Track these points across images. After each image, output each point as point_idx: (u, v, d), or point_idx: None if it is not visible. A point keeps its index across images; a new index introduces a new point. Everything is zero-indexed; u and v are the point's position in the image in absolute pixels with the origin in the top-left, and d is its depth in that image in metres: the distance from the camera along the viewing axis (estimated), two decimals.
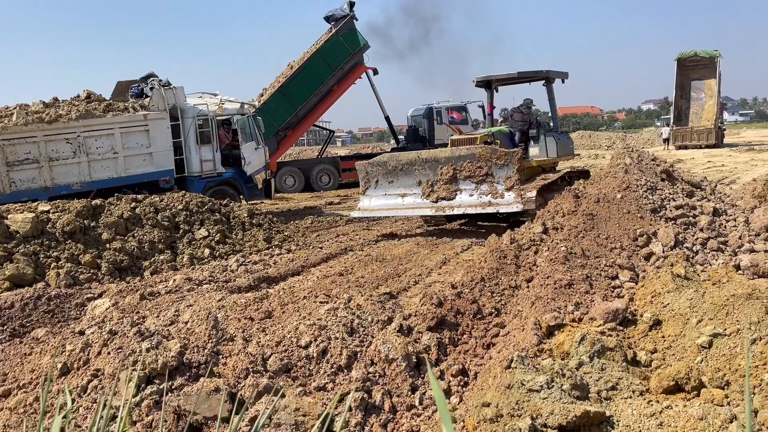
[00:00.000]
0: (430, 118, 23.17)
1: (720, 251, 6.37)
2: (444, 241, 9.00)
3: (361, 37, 19.92)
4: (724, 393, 3.16)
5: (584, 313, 4.68)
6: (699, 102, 27.66)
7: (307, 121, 20.47)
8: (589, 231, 6.28)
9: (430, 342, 4.59)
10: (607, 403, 3.38)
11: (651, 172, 7.85)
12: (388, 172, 9.89)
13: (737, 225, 7.00)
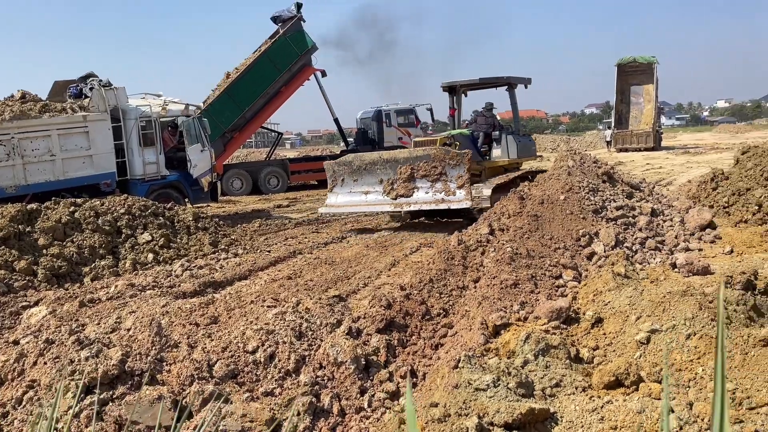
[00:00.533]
0: (379, 121, 23.23)
1: (658, 250, 6.62)
2: (393, 243, 9.03)
3: (309, 38, 19.82)
4: (661, 387, 3.27)
5: (529, 312, 4.78)
6: (638, 106, 28.66)
7: (254, 123, 20.22)
8: (534, 232, 6.42)
9: (379, 344, 4.60)
10: (551, 399, 3.46)
11: (593, 174, 8.10)
12: (353, 171, 10.50)
13: (673, 225, 7.30)
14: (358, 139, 23.69)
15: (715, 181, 8.92)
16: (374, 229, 10.86)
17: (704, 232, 7.04)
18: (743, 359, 3.18)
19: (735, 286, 4.33)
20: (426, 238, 9.18)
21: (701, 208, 7.72)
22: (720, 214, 7.89)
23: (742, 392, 2.97)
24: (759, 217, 7.37)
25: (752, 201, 7.69)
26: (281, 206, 15.95)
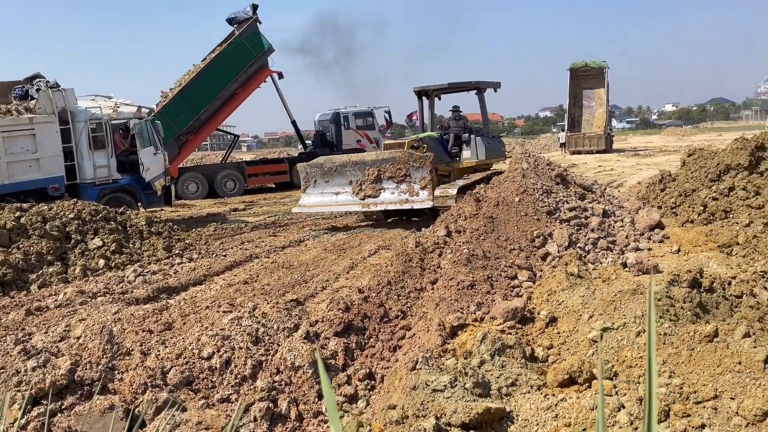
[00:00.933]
0: (338, 124, 23.18)
1: (609, 250, 6.78)
2: (352, 246, 9.02)
3: (265, 40, 19.65)
4: (613, 383, 3.35)
5: (486, 312, 4.83)
6: (590, 110, 29.36)
7: (210, 126, 19.93)
8: (490, 233, 6.49)
9: (337, 347, 4.58)
10: (507, 399, 3.50)
11: (546, 176, 8.24)
12: (325, 172, 11.04)
13: (624, 225, 7.49)
14: (316, 141, 23.59)
15: (663, 183, 9.19)
16: (336, 228, 10.85)
17: (653, 232, 7.25)
18: (690, 355, 3.28)
19: (682, 285, 4.47)
20: (384, 241, 9.20)
21: (650, 208, 7.95)
22: (668, 215, 8.13)
23: (689, 387, 3.07)
24: (704, 217, 7.63)
25: (698, 201, 7.95)
26: (237, 210, 15.73)
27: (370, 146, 23.36)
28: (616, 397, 3.22)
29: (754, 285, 4.93)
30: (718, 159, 8.54)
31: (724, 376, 3.01)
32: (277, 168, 22.24)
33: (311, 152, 22.84)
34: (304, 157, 22.74)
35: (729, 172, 8.23)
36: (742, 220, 6.83)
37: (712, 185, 8.14)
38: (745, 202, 7.57)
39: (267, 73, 20.35)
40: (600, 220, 7.28)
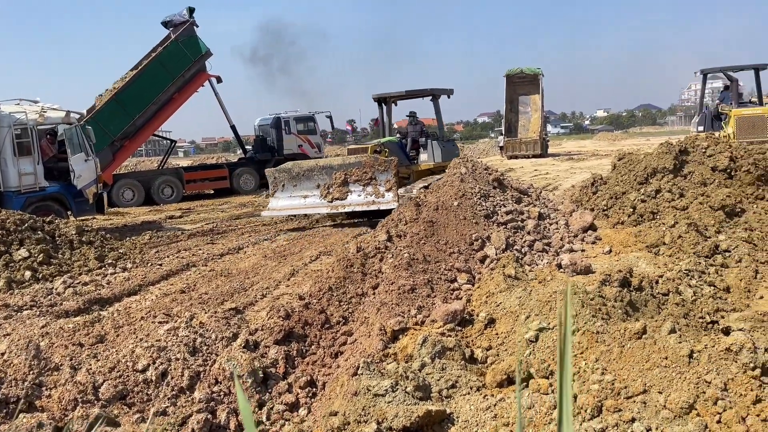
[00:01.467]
0: (279, 128, 22.90)
1: (545, 252, 6.97)
2: (292, 252, 8.93)
3: (202, 43, 19.28)
4: (549, 382, 3.43)
5: (426, 315, 4.87)
6: (526, 115, 30.12)
7: (145, 131, 19.39)
8: (430, 237, 6.56)
9: (277, 356, 4.52)
10: (447, 401, 3.54)
11: (484, 180, 8.40)
12: (293, 177, 11.46)
13: (559, 227, 7.72)
14: (256, 146, 23.22)
15: (595, 186, 9.53)
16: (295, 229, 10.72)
17: (586, 234, 7.50)
18: (620, 352, 3.40)
19: (613, 284, 4.63)
20: (326, 246, 9.15)
21: (583, 211, 8.22)
22: (600, 217, 8.43)
23: (620, 383, 3.18)
24: (633, 218, 7.95)
25: (627, 204, 8.28)
26: (174, 217, 15.32)
27: (312, 151, 23.20)
28: (552, 395, 3.30)
29: (679, 283, 5.17)
30: (646, 163, 8.92)
31: (652, 371, 3.14)
32: (216, 174, 21.80)
33: (251, 157, 22.49)
34: (243, 162, 22.40)
35: (655, 175, 8.61)
36: (668, 221, 7.15)
37: (641, 188, 8.50)
38: (670, 203, 7.94)
39: (205, 77, 19.98)
40: (536, 222, 7.47)
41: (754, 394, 2.74)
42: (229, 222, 13.33)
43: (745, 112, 13.36)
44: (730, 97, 14.79)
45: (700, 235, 6.55)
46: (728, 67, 14.89)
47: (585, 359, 3.52)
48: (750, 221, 7.34)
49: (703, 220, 7.09)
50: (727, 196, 7.68)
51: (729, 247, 6.29)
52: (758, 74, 14.77)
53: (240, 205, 17.42)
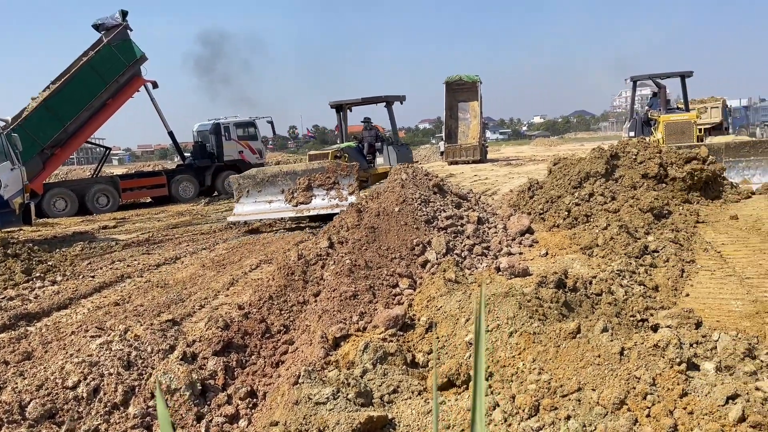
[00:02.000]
0: (218, 134, 22.43)
1: (484, 255, 7.09)
2: (232, 261, 8.76)
3: (137, 48, 18.74)
4: (488, 384, 3.48)
5: (368, 322, 4.87)
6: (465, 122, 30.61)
7: (78, 138, 18.67)
8: (372, 243, 6.57)
9: (216, 367, 4.43)
10: (389, 406, 3.54)
11: (424, 186, 8.48)
12: (257, 183, 11.87)
13: (497, 231, 7.87)
14: (195, 153, 22.65)
15: (531, 190, 9.77)
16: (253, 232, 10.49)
17: (524, 237, 7.67)
18: (556, 351, 3.49)
19: (549, 286, 4.74)
20: (267, 254, 9.03)
21: (521, 215, 8.41)
22: (537, 220, 8.64)
23: (556, 382, 3.26)
24: (568, 221, 8.19)
25: (562, 207, 8.52)
26: (107, 227, 14.78)
27: (253, 157, 22.85)
28: (491, 396, 3.35)
29: (611, 283, 5.35)
30: (579, 167, 9.21)
31: (586, 369, 3.23)
32: (154, 181, 21.17)
33: (190, 164, 21.97)
34: (182, 169, 21.85)
35: (589, 180, 8.91)
36: (600, 223, 7.40)
37: (575, 192, 8.77)
38: (603, 206, 8.22)
39: (140, 82, 19.42)
40: (475, 227, 7.59)
41: (681, 387, 2.86)
42: (165, 231, 12.97)
43: (672, 118, 13.79)
44: (658, 104, 15.31)
45: (630, 237, 6.80)
46: (656, 75, 15.40)
47: (523, 360, 3.59)
48: (676, 222, 7.68)
49: (634, 222, 7.37)
50: (655, 198, 8.02)
51: (657, 248, 6.55)
52: (684, 81, 15.30)
53: (177, 213, 16.98)
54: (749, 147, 11.04)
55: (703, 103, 24.89)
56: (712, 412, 2.70)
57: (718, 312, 4.94)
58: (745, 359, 3.23)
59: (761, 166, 10.79)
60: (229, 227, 12.59)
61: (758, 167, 10.76)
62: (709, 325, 4.32)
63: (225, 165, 22.16)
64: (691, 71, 15.16)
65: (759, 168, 10.76)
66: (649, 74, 15.45)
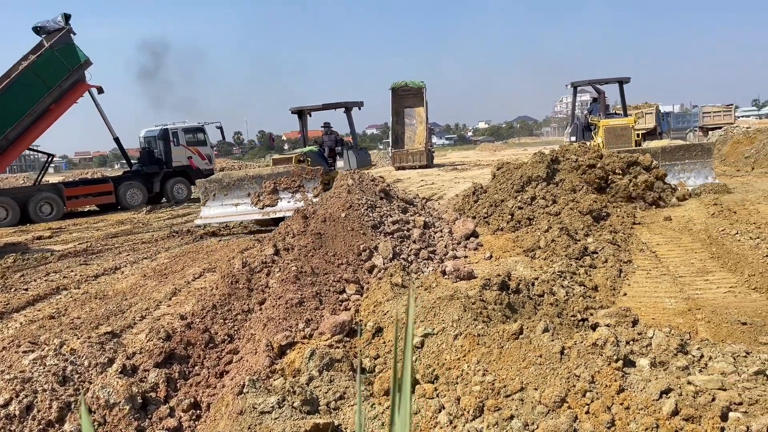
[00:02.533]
0: (166, 140, 21.89)
1: (430, 259, 7.15)
2: (174, 271, 8.55)
3: (81, 52, 18.18)
4: (434, 386, 3.51)
5: (315, 328, 4.83)
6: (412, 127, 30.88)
7: (19, 145, 17.96)
8: (318, 249, 6.53)
9: (157, 379, 4.31)
10: (336, 412, 3.52)
11: (371, 191, 8.50)
12: (224, 187, 12.19)
13: (443, 235, 7.96)
14: (143, 159, 22.01)
15: (476, 195, 9.92)
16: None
17: (469, 241, 7.78)
18: (500, 353, 3.55)
19: (493, 288, 4.82)
20: (210, 263, 8.85)
21: (466, 219, 8.53)
22: (481, 224, 8.78)
23: (499, 382, 3.31)
24: (512, 224, 8.36)
25: (506, 211, 8.69)
26: (42, 237, 14.19)
27: (202, 163, 22.44)
28: (437, 399, 3.38)
29: (553, 284, 5.48)
30: (521, 172, 9.42)
31: (529, 369, 3.29)
32: (100, 189, 20.47)
33: (137, 171, 21.40)
34: (129, 176, 21.26)
35: (531, 183, 9.11)
36: (542, 226, 7.58)
37: (518, 195, 8.95)
38: (544, 210, 8.42)
39: (84, 87, 18.87)
40: (421, 231, 7.65)
41: (618, 384, 2.95)
42: (105, 241, 12.55)
43: (612, 123, 14.14)
44: (598, 109, 15.63)
45: (571, 239, 6.99)
46: (596, 80, 15.76)
47: (467, 362, 3.63)
48: (614, 224, 7.94)
49: (574, 224, 7.58)
50: (593, 201, 8.27)
51: (596, 249, 6.76)
52: (622, 87, 15.67)
53: (117, 222, 16.46)
54: (684, 150, 11.56)
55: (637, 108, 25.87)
56: (647, 406, 2.79)
57: (653, 310, 5.13)
58: (677, 355, 3.36)
59: (695, 168, 11.33)
60: (172, 235, 12.31)
61: (692, 170, 11.30)
62: (644, 323, 4.48)
63: (174, 171, 21.69)
64: (628, 77, 15.54)
65: (693, 171, 11.29)
66: (589, 80, 15.79)
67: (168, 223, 15.20)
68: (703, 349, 3.46)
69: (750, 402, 2.72)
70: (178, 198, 21.66)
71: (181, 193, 21.94)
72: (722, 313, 4.85)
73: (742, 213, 8.27)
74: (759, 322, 4.66)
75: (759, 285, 5.46)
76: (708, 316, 4.85)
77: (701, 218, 7.91)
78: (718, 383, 2.88)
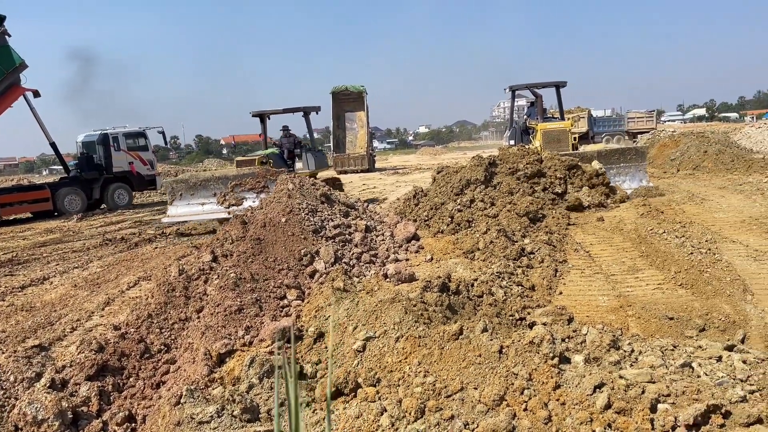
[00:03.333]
0: (107, 145, 21.11)
1: (372, 263, 7.16)
2: (107, 280, 8.25)
3: (16, 55, 17.42)
4: (376, 390, 3.51)
5: (255, 336, 4.76)
6: (353, 131, 30.89)
7: None
8: (258, 255, 6.43)
9: (89, 392, 4.14)
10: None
11: (312, 196, 8.44)
12: (190, 187, 12.71)
13: (385, 239, 7.98)
14: (81, 164, 21.12)
15: (416, 198, 10.01)
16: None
17: (410, 244, 7.84)
18: (440, 353, 3.58)
19: (433, 290, 4.87)
20: (145, 271, 8.58)
21: (407, 222, 8.58)
22: (422, 227, 8.86)
23: (440, 383, 3.34)
24: (452, 227, 8.47)
25: (446, 213, 8.80)
26: None
27: (144, 168, 21.77)
28: (379, 402, 3.38)
29: (492, 285, 5.58)
30: (461, 175, 9.56)
31: (469, 369, 3.34)
32: (36, 195, 19.51)
33: (76, 177, 20.58)
34: (67, 182, 20.42)
35: (469, 186, 9.26)
36: (481, 228, 7.71)
37: (457, 198, 9.08)
38: (483, 212, 8.57)
39: (20, 91, 18.05)
40: (363, 235, 7.65)
41: (554, 381, 3.03)
42: (32, 250, 11.98)
43: (549, 127, 14.27)
44: (536, 113, 15.81)
45: (508, 240, 7.14)
46: (533, 84, 15.81)
47: (409, 363, 3.65)
48: (550, 225, 8.17)
49: (511, 226, 7.75)
50: (530, 203, 8.48)
51: (533, 250, 6.93)
52: (559, 91, 15.69)
53: (46, 231, 15.73)
54: (619, 154, 11.83)
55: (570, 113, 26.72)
56: (581, 401, 2.88)
57: (587, 307, 5.30)
58: (610, 350, 3.48)
59: (630, 172, 11.67)
60: (105, 243, 11.87)
61: (627, 173, 11.64)
62: (579, 321, 4.63)
63: (114, 177, 20.98)
64: (564, 81, 15.70)
65: (628, 174, 11.63)
66: (527, 84, 15.81)
67: (101, 230, 14.65)
68: (633, 344, 3.59)
69: (677, 393, 2.85)
70: (120, 204, 20.98)
71: (123, 199, 21.25)
72: (651, 309, 5.06)
73: (669, 213, 8.66)
74: (685, 316, 4.88)
75: (684, 281, 5.73)
76: (638, 313, 5.04)
77: (631, 218, 8.23)
78: (648, 376, 3.00)
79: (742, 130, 25.28)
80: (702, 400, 2.74)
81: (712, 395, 2.78)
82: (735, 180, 12.98)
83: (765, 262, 6.14)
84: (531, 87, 15.83)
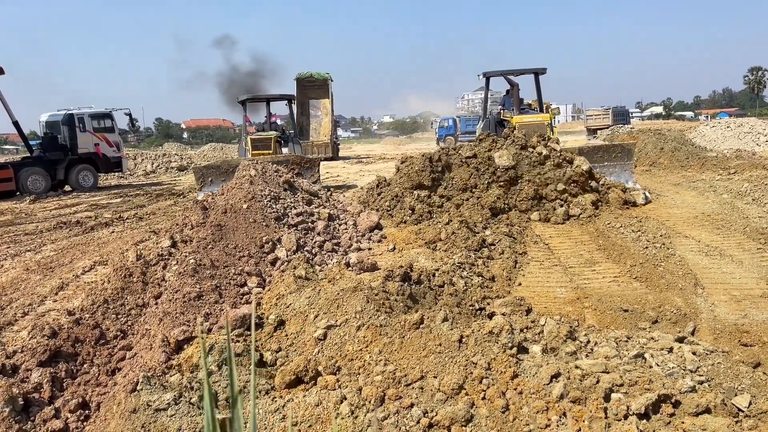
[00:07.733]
0: (72, 125, 20.49)
1: (334, 252, 7.14)
2: (61, 264, 8.03)
3: None
4: (336, 378, 3.51)
5: (214, 323, 4.71)
6: (317, 119, 30.68)
7: None
8: (218, 242, 6.35)
9: (41, 379, 4.03)
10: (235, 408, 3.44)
11: (274, 182, 8.36)
12: (221, 173, 12.91)
13: (348, 228, 7.97)
14: (45, 145, 20.48)
15: (379, 188, 10.01)
16: None
17: (373, 233, 7.84)
18: (401, 342, 3.61)
19: (395, 279, 4.89)
20: (102, 255, 8.39)
21: (370, 211, 8.59)
22: (385, 217, 8.88)
23: (400, 372, 3.36)
24: (414, 218, 8.51)
25: (407, 204, 8.83)
26: None
27: (110, 150, 21.22)
28: (339, 390, 3.39)
29: (453, 275, 5.64)
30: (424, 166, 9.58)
31: (429, 358, 3.37)
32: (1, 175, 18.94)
33: (39, 157, 19.94)
34: (31, 162, 19.80)
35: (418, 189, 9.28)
36: (443, 219, 7.77)
37: (414, 192, 9.11)
38: (440, 209, 8.62)
39: None
40: (326, 223, 7.63)
41: (512, 370, 3.08)
42: None
43: (525, 120, 12.76)
44: (512, 103, 14.25)
45: (470, 231, 7.21)
46: (509, 71, 14.24)
47: (370, 352, 3.67)
48: (511, 218, 8.27)
49: (473, 217, 7.83)
50: (497, 198, 8.57)
51: (494, 241, 7.02)
52: (538, 78, 14.03)
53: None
54: (603, 152, 10.78)
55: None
56: (538, 390, 2.94)
57: (546, 299, 5.40)
58: (567, 341, 3.55)
59: (615, 172, 10.56)
60: (59, 226, 11.55)
61: (612, 173, 10.51)
62: (537, 311, 4.71)
63: (80, 158, 20.40)
64: (544, 68, 13.90)
65: (613, 174, 10.52)
66: (502, 70, 14.33)
67: (54, 213, 14.24)
68: (589, 335, 3.68)
69: (630, 383, 2.93)
70: (84, 186, 20.47)
71: (88, 181, 20.73)
72: (607, 301, 5.19)
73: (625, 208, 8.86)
74: (639, 309, 5.02)
75: (639, 275, 5.89)
76: (594, 304, 5.17)
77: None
78: (602, 367, 3.08)
79: (697, 128, 26.01)
80: (653, 390, 2.82)
81: (663, 385, 2.87)
82: (689, 177, 13.35)
83: (715, 257, 6.35)
84: (507, 74, 14.29)
